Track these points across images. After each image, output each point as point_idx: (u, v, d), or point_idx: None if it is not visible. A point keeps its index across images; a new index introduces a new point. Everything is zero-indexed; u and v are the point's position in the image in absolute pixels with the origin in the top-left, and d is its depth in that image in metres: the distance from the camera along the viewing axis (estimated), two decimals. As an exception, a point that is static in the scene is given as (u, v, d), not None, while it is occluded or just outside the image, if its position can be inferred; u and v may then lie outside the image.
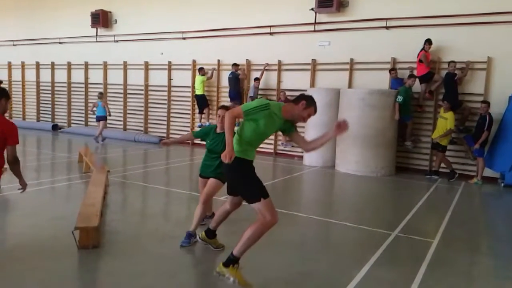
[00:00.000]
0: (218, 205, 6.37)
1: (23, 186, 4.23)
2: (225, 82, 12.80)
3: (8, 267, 3.90)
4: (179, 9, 13.69)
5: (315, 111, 3.64)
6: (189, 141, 13.07)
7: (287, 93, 11.84)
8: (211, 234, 4.40)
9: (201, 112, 13.12)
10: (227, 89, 12.61)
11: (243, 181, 3.56)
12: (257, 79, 12.04)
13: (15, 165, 4.04)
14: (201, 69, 12.81)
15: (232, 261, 3.48)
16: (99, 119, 13.34)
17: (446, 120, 9.23)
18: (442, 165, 9.69)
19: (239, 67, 12.49)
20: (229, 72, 12.46)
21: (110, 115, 13.58)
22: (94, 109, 13.45)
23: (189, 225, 4.68)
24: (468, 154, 9.77)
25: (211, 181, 4.69)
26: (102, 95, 13.64)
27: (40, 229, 4.89)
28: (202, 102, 12.94)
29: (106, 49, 15.48)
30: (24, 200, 6.39)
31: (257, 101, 3.58)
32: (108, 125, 14.13)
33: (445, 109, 9.29)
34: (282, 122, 3.61)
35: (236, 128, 3.60)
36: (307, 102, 3.56)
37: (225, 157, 3.31)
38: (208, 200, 4.72)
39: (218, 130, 4.79)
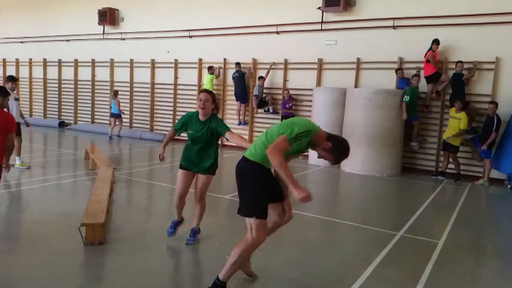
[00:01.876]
0: (217, 203, 6.40)
1: (8, 168, 4.76)
2: (231, 80, 12.80)
3: (14, 262, 3.93)
4: (185, 8, 13.71)
5: (335, 163, 3.35)
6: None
7: (293, 92, 11.84)
8: None
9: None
10: (233, 88, 12.64)
11: (249, 189, 3.19)
12: (261, 78, 12.04)
13: (12, 150, 4.65)
14: (210, 68, 12.84)
15: (219, 287, 3.21)
16: (112, 116, 13.77)
17: (459, 121, 9.15)
18: (450, 165, 9.64)
19: (245, 66, 12.50)
20: (234, 71, 12.48)
21: (123, 114, 13.89)
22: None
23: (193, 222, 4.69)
24: (475, 155, 9.72)
25: (202, 178, 4.39)
26: (114, 93, 13.81)
27: (46, 225, 4.93)
28: (211, 100, 12.99)
29: (113, 47, 15.54)
30: (30, 196, 6.46)
31: (304, 125, 3.16)
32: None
33: (458, 109, 9.21)
34: (307, 143, 3.24)
35: (266, 130, 3.23)
36: (332, 147, 3.21)
37: (306, 198, 2.88)
38: (203, 197, 4.48)
39: (202, 118, 4.27)
